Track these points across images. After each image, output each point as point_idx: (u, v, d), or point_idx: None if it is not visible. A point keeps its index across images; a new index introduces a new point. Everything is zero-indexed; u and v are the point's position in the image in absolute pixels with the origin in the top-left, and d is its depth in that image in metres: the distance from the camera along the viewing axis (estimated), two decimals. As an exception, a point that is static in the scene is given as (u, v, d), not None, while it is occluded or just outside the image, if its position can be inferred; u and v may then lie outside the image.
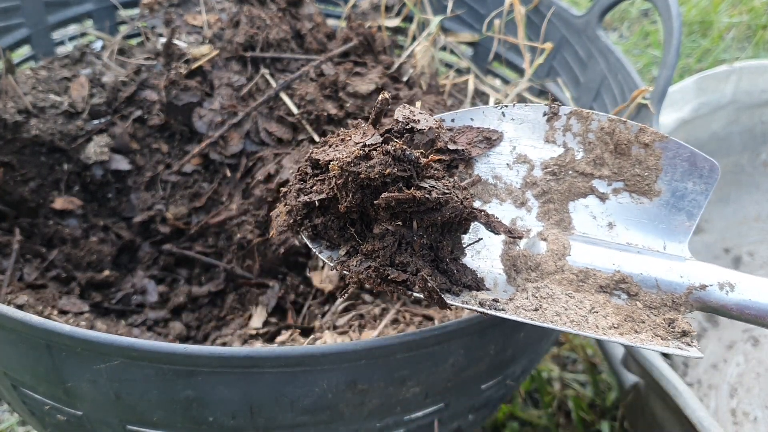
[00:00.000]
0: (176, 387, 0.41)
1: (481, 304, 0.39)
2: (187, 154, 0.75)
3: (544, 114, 0.46)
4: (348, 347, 0.40)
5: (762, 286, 0.40)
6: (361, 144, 0.38)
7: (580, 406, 0.84)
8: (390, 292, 0.39)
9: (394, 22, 0.90)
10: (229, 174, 0.73)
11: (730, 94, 0.94)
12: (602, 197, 0.46)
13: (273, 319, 0.65)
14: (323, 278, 0.64)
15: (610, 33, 1.62)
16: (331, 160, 0.39)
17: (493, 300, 0.40)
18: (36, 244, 0.70)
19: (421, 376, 0.45)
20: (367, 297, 0.61)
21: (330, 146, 0.41)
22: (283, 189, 0.43)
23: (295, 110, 0.72)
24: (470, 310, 0.39)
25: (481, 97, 0.86)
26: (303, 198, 0.40)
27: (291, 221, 0.41)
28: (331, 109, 0.71)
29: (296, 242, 0.65)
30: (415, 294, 0.38)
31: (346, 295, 0.53)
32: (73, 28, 0.91)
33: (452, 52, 0.92)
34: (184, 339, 0.66)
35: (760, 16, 1.54)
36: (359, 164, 0.37)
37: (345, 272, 0.40)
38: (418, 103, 0.47)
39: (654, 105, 0.61)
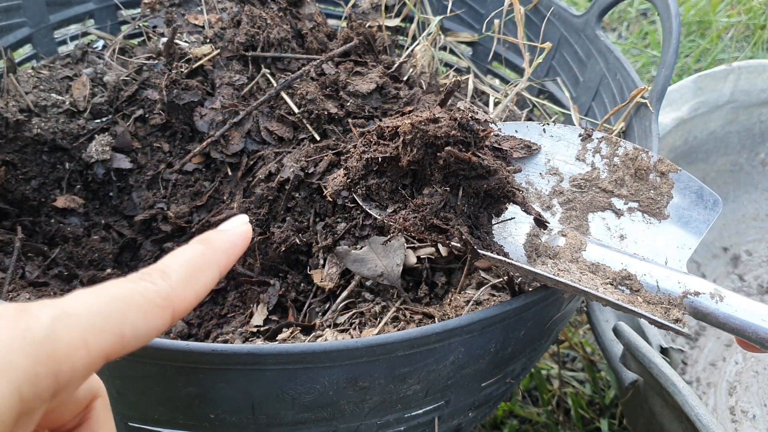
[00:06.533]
0: (178, 384, 0.42)
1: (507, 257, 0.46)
2: (188, 153, 0.75)
3: (579, 135, 0.53)
4: (349, 344, 0.40)
5: (746, 304, 0.44)
6: (432, 113, 0.45)
7: (579, 403, 0.84)
8: (432, 241, 0.45)
9: (394, 22, 0.91)
10: (230, 173, 0.74)
11: (729, 94, 0.94)
12: (618, 213, 0.52)
13: (274, 317, 0.65)
14: (324, 276, 0.64)
15: (609, 33, 1.62)
16: (398, 127, 0.45)
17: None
18: (38, 243, 0.70)
19: (422, 374, 0.45)
20: (367, 295, 0.62)
21: (395, 120, 0.47)
22: (345, 155, 0.49)
23: (295, 109, 0.72)
24: (497, 260, 0.45)
25: (480, 96, 0.86)
26: (367, 155, 0.46)
27: (348, 181, 0.48)
28: (332, 108, 0.71)
29: (297, 240, 0.66)
30: (452, 243, 0.44)
31: (346, 291, 0.55)
32: (74, 28, 0.91)
33: (452, 51, 0.92)
34: (185, 336, 0.66)
35: (759, 16, 1.54)
36: (429, 125, 0.44)
37: (391, 223, 0.46)
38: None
39: (653, 104, 0.61)
